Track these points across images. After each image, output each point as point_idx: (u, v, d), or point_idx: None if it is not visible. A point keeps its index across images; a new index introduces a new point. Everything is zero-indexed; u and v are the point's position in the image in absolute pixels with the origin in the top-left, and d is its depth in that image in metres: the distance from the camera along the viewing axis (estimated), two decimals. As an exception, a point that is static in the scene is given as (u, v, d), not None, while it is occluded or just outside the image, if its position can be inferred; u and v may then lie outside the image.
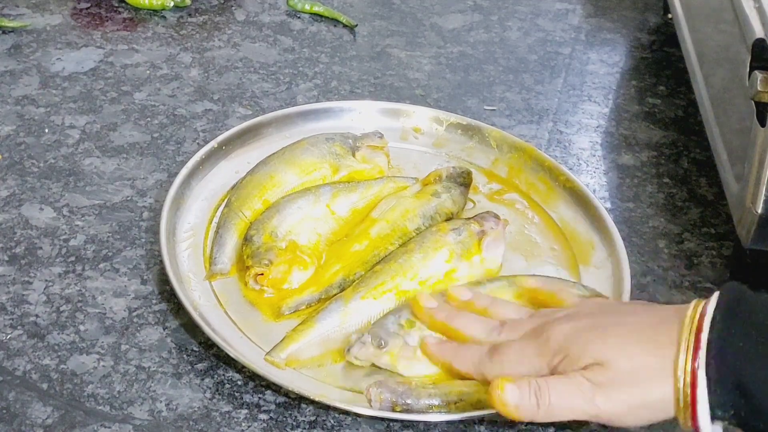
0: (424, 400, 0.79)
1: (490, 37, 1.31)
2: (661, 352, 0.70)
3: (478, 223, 0.92)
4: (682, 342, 0.69)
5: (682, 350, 0.69)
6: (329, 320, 0.84)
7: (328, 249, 0.91)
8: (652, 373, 0.70)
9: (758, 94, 0.88)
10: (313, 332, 0.83)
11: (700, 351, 0.68)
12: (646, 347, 0.71)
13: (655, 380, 0.70)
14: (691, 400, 0.69)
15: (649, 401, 0.71)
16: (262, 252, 0.88)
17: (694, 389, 0.68)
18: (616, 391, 0.71)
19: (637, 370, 0.71)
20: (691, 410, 0.69)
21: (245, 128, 1.04)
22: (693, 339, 0.69)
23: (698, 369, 0.68)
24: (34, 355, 0.82)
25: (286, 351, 0.82)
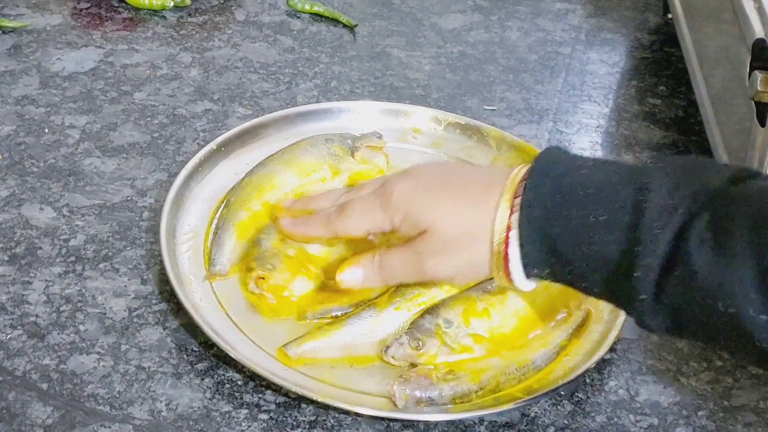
0: (447, 391, 0.80)
1: (490, 37, 1.31)
2: (484, 216, 0.75)
3: None
4: (501, 203, 0.74)
5: (499, 211, 0.74)
6: (358, 326, 0.84)
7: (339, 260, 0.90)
8: (476, 236, 0.75)
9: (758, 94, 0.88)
10: (338, 334, 0.83)
11: (513, 214, 0.73)
12: (470, 213, 0.76)
13: (478, 242, 0.75)
14: (504, 257, 0.74)
15: (473, 262, 0.76)
16: (268, 256, 0.88)
17: (507, 249, 0.73)
18: (443, 257, 0.77)
19: (461, 236, 0.76)
20: (505, 267, 0.74)
21: (245, 129, 1.04)
22: (510, 200, 0.73)
23: (511, 229, 0.73)
24: (34, 355, 0.82)
25: (303, 347, 0.82)
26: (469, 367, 0.82)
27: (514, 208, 0.73)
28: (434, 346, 0.82)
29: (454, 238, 0.76)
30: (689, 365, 0.87)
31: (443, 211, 0.77)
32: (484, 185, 0.77)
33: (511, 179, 0.75)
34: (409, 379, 0.79)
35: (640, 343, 0.88)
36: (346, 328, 0.84)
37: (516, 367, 0.83)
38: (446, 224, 0.77)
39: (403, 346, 0.82)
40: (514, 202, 0.73)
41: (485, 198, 0.75)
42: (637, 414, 0.82)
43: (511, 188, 0.74)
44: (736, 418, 0.83)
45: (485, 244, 0.75)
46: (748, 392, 0.85)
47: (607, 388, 0.84)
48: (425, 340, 0.82)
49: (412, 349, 0.82)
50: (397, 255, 0.80)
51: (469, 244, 0.76)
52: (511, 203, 0.74)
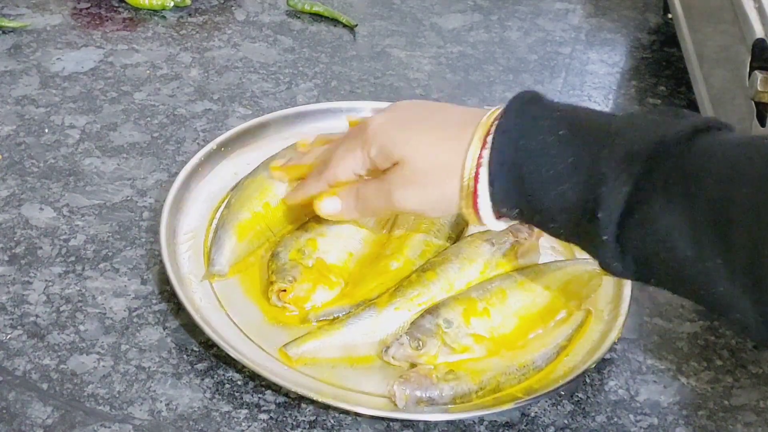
0: (447, 391, 0.80)
1: (490, 37, 1.31)
2: (456, 152, 0.75)
3: (511, 234, 0.92)
4: (473, 140, 0.74)
5: (470, 150, 0.74)
6: (359, 326, 0.84)
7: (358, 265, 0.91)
8: (447, 170, 0.76)
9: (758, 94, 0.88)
10: (338, 334, 0.83)
11: (484, 150, 0.74)
12: (443, 147, 0.77)
13: (449, 176, 0.76)
14: (473, 193, 0.74)
15: (443, 197, 0.77)
16: (288, 269, 0.87)
17: (476, 185, 0.74)
18: (412, 189, 0.78)
19: (433, 168, 0.77)
20: (473, 204, 0.75)
21: (245, 129, 1.03)
22: (482, 137, 0.74)
23: (481, 167, 0.74)
24: (34, 355, 0.82)
25: (303, 347, 0.82)
26: (470, 367, 0.82)
27: (485, 146, 0.74)
28: (434, 346, 0.82)
29: (424, 171, 0.77)
30: (689, 365, 0.87)
31: (416, 144, 0.78)
32: (459, 122, 0.77)
33: (486, 118, 0.76)
34: (410, 379, 0.79)
35: (640, 343, 0.88)
36: (346, 328, 0.84)
37: (516, 367, 0.83)
38: (418, 156, 0.77)
39: (404, 346, 0.82)
40: (486, 140, 0.74)
41: (459, 134, 0.76)
42: (637, 414, 0.82)
43: (485, 126, 0.75)
44: (736, 418, 0.83)
45: (456, 179, 0.75)
46: (748, 392, 0.85)
47: (607, 388, 0.84)
48: (425, 340, 0.82)
49: (413, 349, 0.82)
50: (370, 186, 0.81)
51: (440, 177, 0.77)
52: (483, 140, 0.74)
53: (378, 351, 0.83)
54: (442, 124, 0.79)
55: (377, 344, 0.84)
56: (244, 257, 0.91)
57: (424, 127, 0.79)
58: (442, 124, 0.79)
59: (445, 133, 0.77)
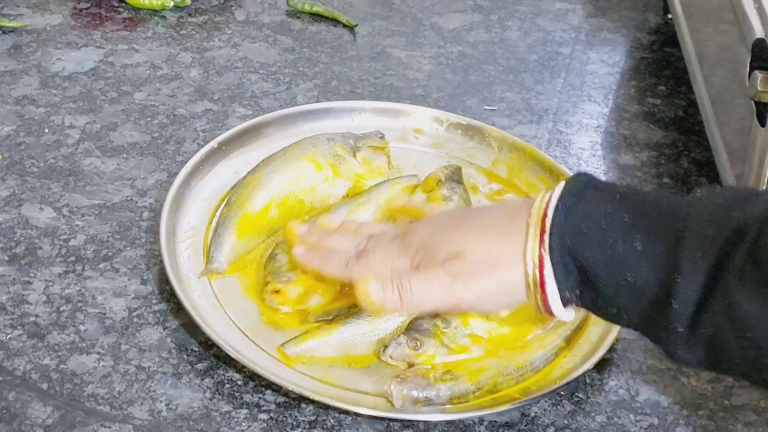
0: (445, 392, 0.80)
1: (490, 37, 1.31)
2: (513, 239, 0.73)
3: None
4: (530, 227, 0.73)
5: (530, 235, 0.72)
6: (356, 325, 0.84)
7: None
8: (506, 260, 0.74)
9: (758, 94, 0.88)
10: (336, 333, 0.84)
11: (545, 235, 0.72)
12: (499, 236, 0.75)
13: (509, 266, 0.74)
14: (540, 282, 0.72)
15: (504, 286, 0.74)
16: (284, 270, 0.87)
17: (542, 271, 0.72)
18: (474, 279, 0.75)
19: (492, 258, 0.75)
20: (541, 292, 0.73)
21: (245, 128, 1.04)
22: (539, 224, 0.72)
23: (544, 252, 0.72)
24: (34, 355, 0.82)
25: (301, 346, 0.83)
26: (467, 368, 0.82)
27: (544, 232, 0.72)
28: (432, 346, 0.82)
29: (485, 261, 0.75)
30: (689, 365, 0.87)
31: (471, 238, 0.76)
32: (507, 214, 0.76)
33: (537, 204, 0.73)
34: (407, 379, 0.80)
35: (640, 343, 0.88)
36: (344, 327, 0.84)
37: (514, 368, 0.83)
38: (476, 247, 0.75)
39: (401, 346, 0.82)
40: (545, 226, 0.72)
41: (512, 225, 0.74)
42: (637, 414, 0.82)
43: (539, 213, 0.73)
44: (736, 418, 0.83)
45: (518, 268, 0.73)
46: (748, 392, 0.85)
47: (607, 388, 0.84)
48: (423, 341, 0.82)
49: (410, 349, 0.82)
50: (423, 276, 0.77)
51: (501, 267, 0.74)
52: (542, 227, 0.72)
53: (376, 351, 0.83)
54: (490, 219, 0.78)
55: (375, 344, 0.84)
56: (243, 255, 0.91)
57: (472, 225, 0.78)
58: (491, 217, 0.78)
59: (497, 227, 0.76)
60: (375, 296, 0.78)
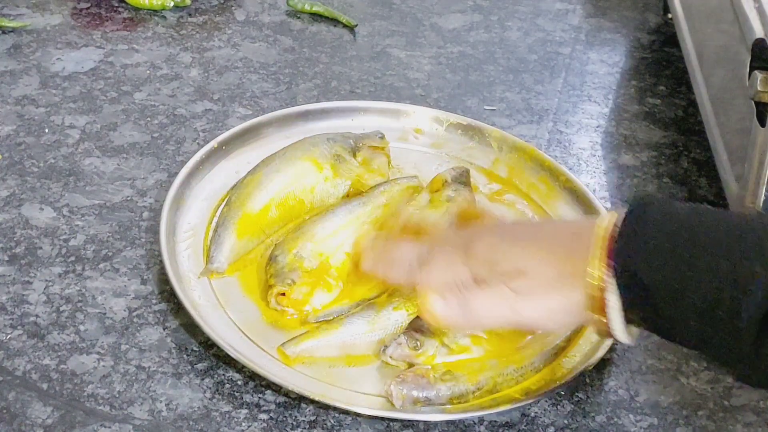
0: (444, 392, 0.80)
1: (490, 37, 1.31)
2: (576, 259, 0.72)
3: None
4: (594, 248, 0.72)
5: (593, 256, 0.71)
6: (357, 325, 0.84)
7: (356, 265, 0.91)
8: (569, 279, 0.73)
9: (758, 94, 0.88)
10: (337, 333, 0.84)
11: (609, 259, 0.71)
12: (563, 255, 0.74)
13: (572, 286, 0.72)
14: (602, 303, 0.71)
15: (566, 306, 0.73)
16: (286, 272, 0.87)
17: (605, 293, 0.71)
18: (536, 298, 0.74)
19: (555, 277, 0.73)
20: (602, 314, 0.72)
21: (245, 128, 1.04)
22: (603, 244, 0.71)
23: (608, 273, 0.71)
24: (34, 355, 0.82)
25: (301, 346, 0.83)
26: (467, 368, 0.82)
27: (609, 253, 0.71)
28: (433, 347, 0.82)
29: (548, 279, 0.74)
30: (689, 365, 0.87)
31: (534, 255, 0.75)
32: (572, 232, 0.76)
33: (601, 224, 0.73)
34: (406, 379, 0.80)
35: (640, 343, 0.88)
36: (344, 327, 0.84)
37: (514, 368, 0.83)
38: (539, 265, 0.74)
39: (402, 346, 0.82)
40: (609, 246, 0.71)
41: (575, 244, 0.73)
42: (637, 414, 0.82)
43: (604, 234, 0.72)
44: (736, 418, 0.83)
45: (580, 288, 0.72)
46: (748, 392, 0.85)
47: (607, 388, 0.84)
48: (424, 341, 0.82)
49: (411, 349, 0.82)
50: (486, 293, 0.76)
51: (564, 287, 0.73)
52: (606, 248, 0.71)
53: (376, 351, 0.83)
54: (556, 234, 0.77)
55: (375, 344, 0.84)
56: (243, 255, 0.91)
57: (536, 240, 0.77)
58: (555, 234, 0.77)
59: (560, 245, 0.75)
60: (438, 311, 0.77)
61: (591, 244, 0.72)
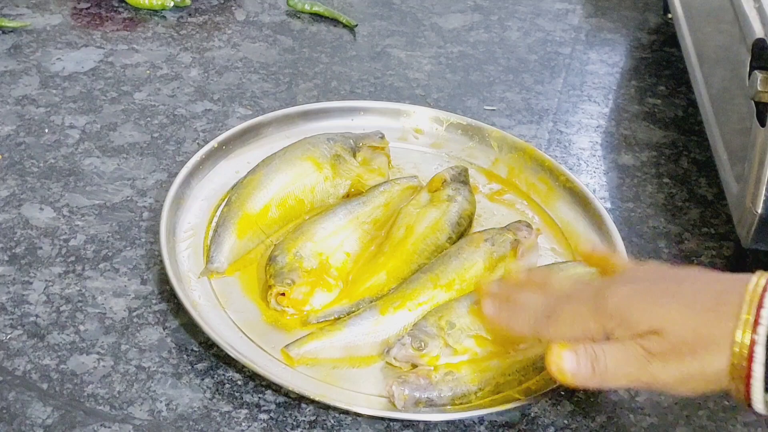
0: (446, 393, 0.79)
1: (490, 37, 1.31)
2: (720, 324, 0.68)
3: (512, 233, 0.92)
4: (742, 315, 0.68)
5: (740, 324, 0.68)
6: (360, 326, 0.84)
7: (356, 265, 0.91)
8: (710, 345, 0.69)
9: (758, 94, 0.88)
10: (340, 335, 0.83)
11: (759, 327, 0.67)
12: (705, 317, 0.69)
13: (712, 352, 0.68)
14: (746, 375, 0.68)
15: (704, 373, 0.69)
16: (286, 272, 0.87)
17: (750, 364, 0.67)
18: (672, 360, 0.70)
19: (695, 340, 0.69)
20: (746, 386, 0.68)
21: (245, 128, 1.04)
22: (753, 314, 0.67)
23: (756, 344, 0.67)
24: (34, 355, 0.82)
25: (305, 347, 0.83)
26: (469, 368, 0.82)
27: (759, 321, 0.67)
28: (437, 347, 0.82)
29: (686, 342, 0.69)
30: (689, 365, 0.87)
31: (673, 314, 0.70)
32: (716, 291, 0.71)
33: (752, 287, 0.69)
34: (408, 380, 0.79)
35: (640, 343, 0.88)
36: (347, 329, 0.84)
37: (516, 369, 0.82)
38: (677, 326, 0.70)
39: (405, 346, 0.82)
40: (760, 314, 0.67)
41: (720, 305, 0.69)
42: (637, 414, 0.82)
43: (753, 297, 0.68)
44: (736, 418, 0.82)
45: (722, 355, 0.68)
46: (748, 392, 0.85)
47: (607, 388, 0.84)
48: (428, 341, 0.82)
49: (415, 350, 0.82)
50: (617, 349, 0.72)
51: (703, 351, 0.69)
52: (756, 315, 0.67)
53: (379, 351, 0.83)
54: (698, 293, 0.71)
55: (379, 345, 0.84)
56: (243, 255, 0.91)
57: (678, 297, 0.71)
58: (697, 293, 0.71)
59: (703, 304, 0.70)
60: (569, 367, 0.73)
61: (740, 306, 0.68)
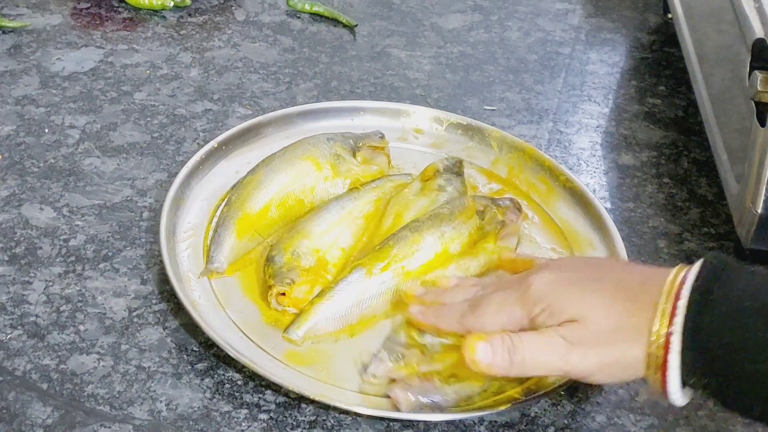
0: (451, 395, 0.79)
1: (490, 37, 1.31)
2: (639, 314, 0.70)
3: (501, 211, 0.93)
4: (660, 306, 0.69)
5: (658, 314, 0.69)
6: (348, 293, 0.85)
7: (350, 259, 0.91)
8: (628, 335, 0.70)
9: (758, 94, 0.88)
10: (331, 305, 0.84)
11: (675, 318, 0.68)
12: (624, 307, 0.71)
13: (630, 341, 0.70)
14: (662, 363, 0.69)
15: (622, 361, 0.71)
16: (285, 272, 0.87)
17: (666, 354, 0.69)
18: (591, 349, 0.71)
19: (613, 330, 0.71)
20: (662, 374, 0.69)
21: (245, 128, 1.04)
22: (670, 305, 0.69)
23: (672, 335, 0.68)
24: (34, 355, 0.82)
25: (303, 327, 0.83)
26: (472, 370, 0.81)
27: (675, 311, 0.68)
28: (414, 356, 0.81)
29: (605, 331, 0.71)
30: (689, 365, 0.87)
31: (594, 303, 0.72)
32: (637, 282, 0.72)
33: (670, 280, 0.70)
34: (412, 384, 0.79)
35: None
36: (336, 298, 0.84)
37: None
38: (598, 315, 0.71)
39: (384, 361, 0.81)
40: (676, 305, 0.68)
41: (640, 296, 0.71)
42: (637, 414, 0.82)
43: (671, 289, 0.69)
44: (736, 418, 0.82)
45: (639, 344, 0.70)
46: (748, 392, 0.85)
47: (607, 388, 0.84)
48: (405, 353, 0.81)
49: (393, 363, 0.81)
50: (537, 338, 0.73)
51: (622, 340, 0.71)
52: (673, 305, 0.69)
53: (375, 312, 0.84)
54: (619, 283, 0.73)
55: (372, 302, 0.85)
56: (243, 255, 0.91)
57: (599, 286, 0.73)
58: (618, 283, 0.73)
59: (624, 294, 0.72)
60: (482, 357, 0.74)
61: (658, 296, 0.69)
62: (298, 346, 0.83)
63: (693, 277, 0.69)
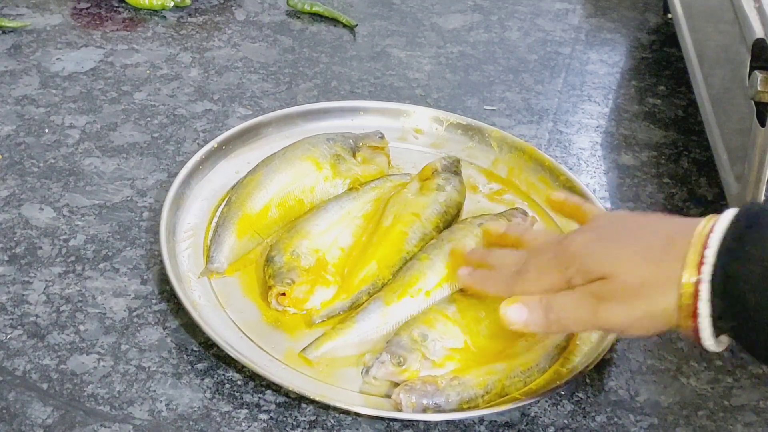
0: (454, 397, 0.79)
1: (490, 37, 1.31)
2: (668, 266, 0.71)
3: (505, 219, 0.92)
4: (689, 256, 0.70)
5: (686, 264, 0.70)
6: (369, 321, 0.85)
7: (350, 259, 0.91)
8: (657, 287, 0.71)
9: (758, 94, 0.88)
10: (351, 332, 0.84)
11: (703, 266, 0.69)
12: (653, 261, 0.72)
13: (660, 293, 0.71)
14: (692, 312, 0.70)
15: (652, 313, 0.72)
16: (285, 272, 0.87)
17: (696, 302, 0.69)
18: (620, 303, 0.72)
19: (642, 283, 0.72)
20: (693, 324, 0.70)
21: (245, 128, 1.04)
22: (698, 254, 0.69)
23: (701, 282, 0.69)
24: (34, 355, 0.82)
25: (321, 349, 0.83)
26: (475, 372, 0.81)
27: (703, 261, 0.69)
28: (416, 360, 0.81)
29: (634, 286, 0.72)
30: (689, 365, 0.87)
31: (623, 258, 0.73)
32: (667, 235, 0.73)
33: (699, 230, 0.71)
34: (415, 387, 0.79)
35: (640, 343, 0.88)
36: (357, 325, 0.84)
37: (521, 370, 0.82)
38: (627, 270, 0.72)
39: (385, 364, 0.81)
40: (705, 254, 0.69)
41: (669, 248, 0.71)
42: (637, 414, 0.82)
43: (700, 240, 0.70)
44: (736, 418, 0.83)
45: (669, 295, 0.70)
46: (748, 392, 0.85)
47: (607, 388, 0.84)
48: (406, 356, 0.81)
49: (395, 366, 0.81)
50: (569, 297, 0.75)
51: (651, 293, 0.71)
52: (701, 255, 0.69)
53: None
54: (649, 237, 0.74)
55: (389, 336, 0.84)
56: (243, 255, 0.91)
57: (629, 242, 0.74)
58: (648, 237, 0.74)
59: (654, 248, 0.72)
60: (516, 317, 0.76)
61: (687, 247, 0.70)
62: (312, 367, 0.82)
63: (724, 226, 0.70)
